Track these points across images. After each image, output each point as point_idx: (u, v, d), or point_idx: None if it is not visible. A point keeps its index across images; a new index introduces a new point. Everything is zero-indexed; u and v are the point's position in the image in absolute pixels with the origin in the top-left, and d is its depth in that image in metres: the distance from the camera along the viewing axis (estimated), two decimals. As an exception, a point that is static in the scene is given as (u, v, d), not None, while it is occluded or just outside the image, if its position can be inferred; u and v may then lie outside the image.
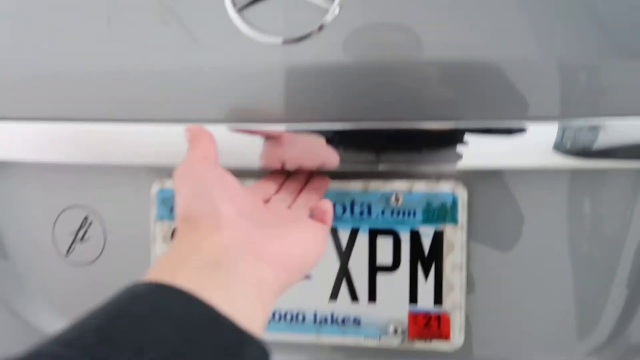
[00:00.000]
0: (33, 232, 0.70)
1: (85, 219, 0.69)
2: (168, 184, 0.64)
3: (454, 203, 0.58)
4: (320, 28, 0.51)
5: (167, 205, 0.64)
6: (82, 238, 0.70)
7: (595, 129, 0.51)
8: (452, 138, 0.51)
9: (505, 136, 0.51)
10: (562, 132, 0.50)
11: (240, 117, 0.52)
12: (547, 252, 0.58)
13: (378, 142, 0.53)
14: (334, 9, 0.51)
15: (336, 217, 0.61)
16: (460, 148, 0.52)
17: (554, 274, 0.58)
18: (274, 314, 0.62)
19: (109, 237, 0.68)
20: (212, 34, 0.52)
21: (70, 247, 0.70)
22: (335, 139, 0.52)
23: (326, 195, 0.60)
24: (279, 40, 0.51)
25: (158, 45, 0.55)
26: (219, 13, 0.51)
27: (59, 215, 0.70)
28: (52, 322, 0.70)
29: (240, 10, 0.51)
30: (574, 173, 0.56)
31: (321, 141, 0.52)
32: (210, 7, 0.52)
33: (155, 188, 0.64)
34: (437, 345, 0.59)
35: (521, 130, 0.51)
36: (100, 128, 0.58)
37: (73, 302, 0.69)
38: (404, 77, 0.53)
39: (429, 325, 0.59)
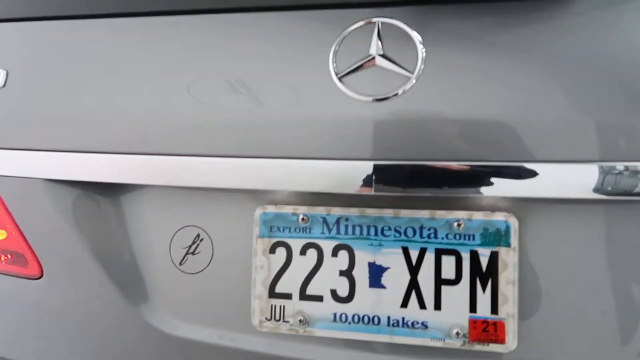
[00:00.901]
0: (154, 247, 0.87)
1: (197, 236, 0.85)
2: (268, 208, 0.79)
3: (507, 229, 0.71)
4: (402, 92, 0.66)
5: (267, 225, 0.80)
6: (193, 252, 0.85)
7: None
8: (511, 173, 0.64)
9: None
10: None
11: (336, 154, 0.67)
12: (588, 270, 0.69)
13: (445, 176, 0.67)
14: (413, 80, 0.66)
15: (407, 239, 0.74)
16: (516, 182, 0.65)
17: (594, 289, 0.69)
18: (353, 317, 0.76)
19: (216, 251, 0.84)
20: (320, 94, 0.68)
21: (183, 259, 0.85)
22: (410, 172, 0.67)
23: (399, 221, 0.75)
24: (369, 99, 0.66)
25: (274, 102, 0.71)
26: (326, 80, 0.67)
27: (175, 233, 0.86)
28: (167, 321, 0.85)
29: (341, 77, 0.68)
30: (609, 205, 0.68)
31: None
32: (319, 75, 0.68)
33: (258, 212, 0.80)
34: (494, 348, 0.71)
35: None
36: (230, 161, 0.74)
37: (184, 304, 0.85)
38: (468, 126, 0.67)
39: (487, 331, 0.71)
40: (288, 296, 0.78)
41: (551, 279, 0.71)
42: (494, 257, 0.71)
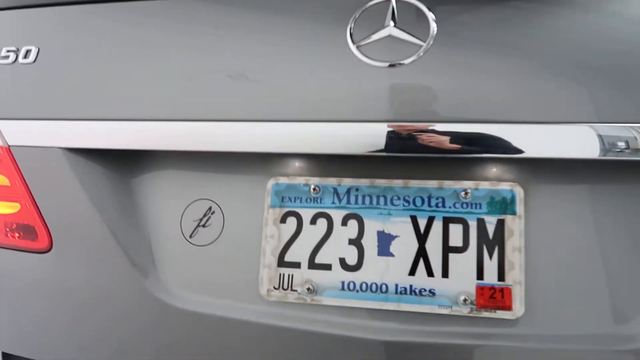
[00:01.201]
0: (166, 220, 0.88)
1: (209, 209, 0.87)
2: (281, 179, 0.82)
3: (513, 198, 0.74)
4: (415, 59, 0.71)
5: (279, 196, 0.82)
6: (204, 225, 0.87)
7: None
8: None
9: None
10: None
11: (352, 117, 0.71)
12: (594, 237, 0.71)
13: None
14: (425, 47, 0.71)
15: (416, 208, 0.76)
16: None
17: (600, 255, 0.70)
18: (361, 285, 0.76)
19: (227, 223, 0.85)
20: (338, 61, 0.73)
21: (194, 231, 0.87)
22: (420, 133, 0.70)
23: (408, 191, 0.77)
24: (384, 65, 0.71)
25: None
26: (344, 48, 0.73)
27: (187, 206, 0.88)
28: (175, 294, 0.85)
29: (358, 46, 0.73)
30: (612, 171, 0.71)
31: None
32: (338, 43, 0.74)
33: (270, 183, 0.82)
34: (501, 314, 0.71)
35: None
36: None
37: (193, 276, 0.85)
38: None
39: (494, 297, 0.72)
40: (297, 265, 0.79)
41: (557, 246, 0.72)
42: (500, 225, 0.73)
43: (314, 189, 0.80)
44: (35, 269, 0.90)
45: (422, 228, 0.76)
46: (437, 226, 0.75)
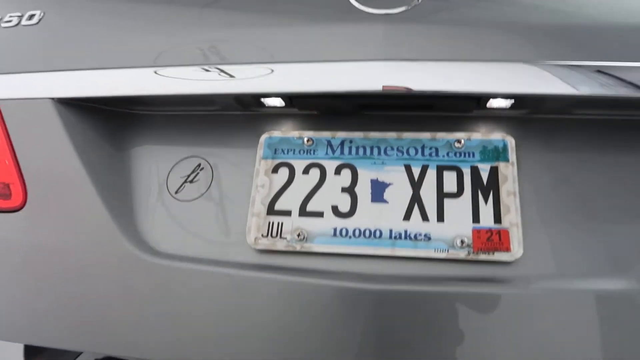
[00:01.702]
0: (152, 176, 0.85)
1: (198, 165, 0.85)
2: (274, 133, 0.82)
3: (505, 147, 0.74)
4: (410, 7, 0.75)
5: (272, 148, 0.81)
6: (192, 181, 0.84)
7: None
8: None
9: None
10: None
11: (350, 57, 0.73)
12: (586, 180, 0.71)
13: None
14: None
15: (409, 157, 0.76)
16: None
17: (594, 196, 0.70)
18: (353, 231, 0.73)
19: (215, 179, 0.83)
20: (339, 10, 0.77)
21: (180, 187, 0.84)
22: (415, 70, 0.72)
23: (401, 142, 0.77)
24: (382, 12, 0.75)
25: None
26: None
27: (176, 164, 0.85)
28: (157, 249, 0.79)
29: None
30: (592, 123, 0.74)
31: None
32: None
33: (264, 137, 0.82)
34: (499, 256, 0.68)
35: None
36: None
37: (176, 231, 0.81)
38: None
39: (491, 240, 0.69)
40: (287, 213, 0.76)
41: (551, 190, 0.72)
42: (493, 171, 0.73)
43: (308, 141, 0.80)
44: (6, 228, 0.85)
45: (415, 176, 0.75)
46: (431, 174, 0.75)
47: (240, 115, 0.87)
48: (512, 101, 0.72)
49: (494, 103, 0.74)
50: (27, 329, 0.81)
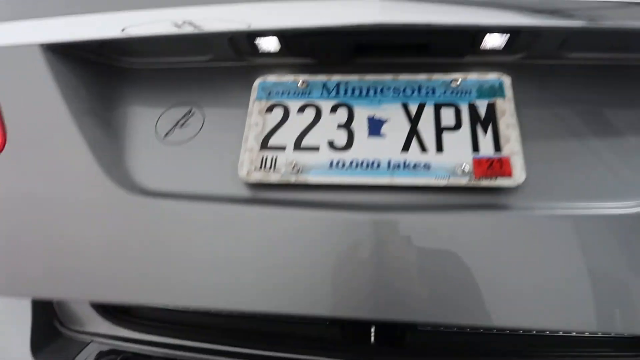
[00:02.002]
0: (140, 121, 0.82)
1: (189, 111, 0.82)
2: (268, 78, 0.80)
3: (501, 85, 0.74)
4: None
5: (266, 91, 0.79)
6: (182, 125, 0.81)
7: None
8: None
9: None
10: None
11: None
12: (583, 116, 0.71)
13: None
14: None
15: (406, 96, 0.76)
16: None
17: (589, 132, 0.70)
18: (350, 162, 0.70)
19: (207, 123, 0.80)
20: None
21: (169, 131, 0.81)
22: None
23: (397, 84, 0.77)
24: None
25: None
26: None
27: (166, 110, 0.83)
28: (143, 191, 0.75)
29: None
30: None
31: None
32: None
33: (257, 81, 0.80)
34: (502, 182, 0.66)
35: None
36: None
37: (164, 173, 0.77)
38: None
39: (492, 167, 0.67)
40: (281, 148, 0.73)
41: (549, 123, 0.71)
42: (491, 107, 0.73)
43: (303, 83, 0.79)
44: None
45: (413, 112, 0.74)
46: (429, 110, 0.74)
47: (233, 67, 0.86)
48: (507, 37, 0.73)
49: (488, 42, 0.74)
50: (11, 280, 0.75)
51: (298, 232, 0.67)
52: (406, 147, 0.71)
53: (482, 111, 0.73)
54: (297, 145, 0.73)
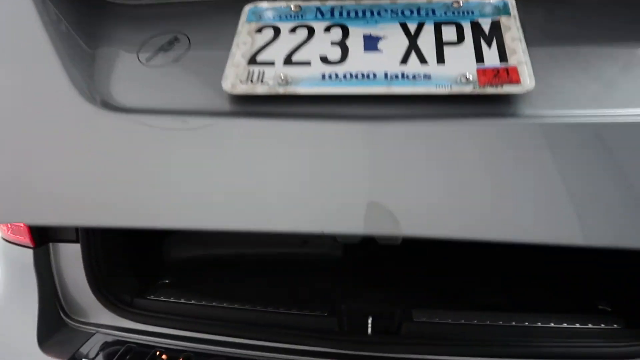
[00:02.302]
0: (122, 48, 0.77)
1: (175, 38, 0.77)
2: (259, 4, 0.76)
3: (505, 5, 0.70)
4: None
5: (256, 15, 0.75)
6: (166, 50, 0.76)
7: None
8: None
9: None
10: None
11: None
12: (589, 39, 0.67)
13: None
14: None
15: (404, 17, 0.71)
16: None
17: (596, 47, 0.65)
18: (344, 74, 0.65)
19: (193, 47, 0.75)
20: None
21: (153, 56, 0.75)
22: None
23: (394, 6, 0.73)
24: None
25: None
26: None
27: (151, 38, 0.78)
28: (121, 110, 0.69)
29: None
30: None
31: None
32: None
33: (248, 6, 0.76)
34: (509, 89, 0.60)
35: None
36: None
37: (146, 95, 0.72)
38: None
39: (499, 76, 0.62)
40: (270, 64, 0.68)
41: (554, 39, 0.66)
42: (495, 24, 0.68)
43: (295, 7, 0.75)
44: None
45: (411, 30, 0.69)
46: (429, 28, 0.69)
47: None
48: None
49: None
50: None
51: (287, 144, 0.61)
52: (405, 60, 0.66)
53: (486, 28, 0.68)
54: (287, 61, 0.68)
